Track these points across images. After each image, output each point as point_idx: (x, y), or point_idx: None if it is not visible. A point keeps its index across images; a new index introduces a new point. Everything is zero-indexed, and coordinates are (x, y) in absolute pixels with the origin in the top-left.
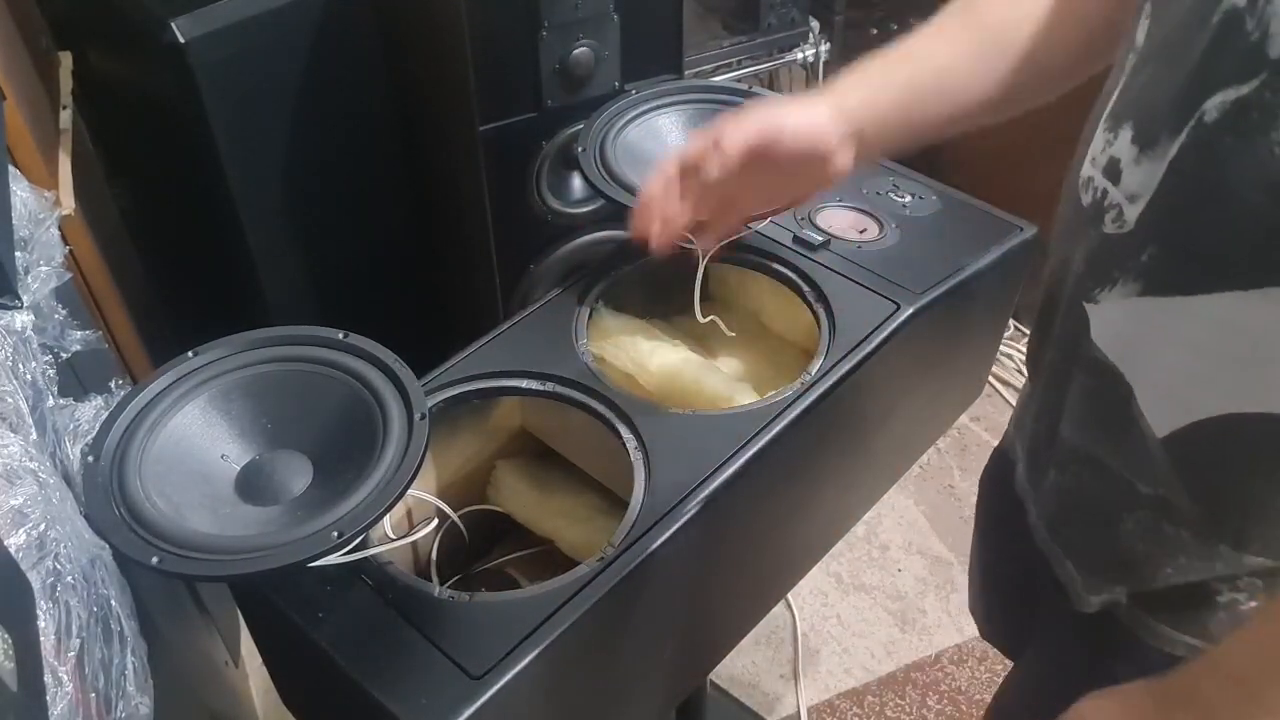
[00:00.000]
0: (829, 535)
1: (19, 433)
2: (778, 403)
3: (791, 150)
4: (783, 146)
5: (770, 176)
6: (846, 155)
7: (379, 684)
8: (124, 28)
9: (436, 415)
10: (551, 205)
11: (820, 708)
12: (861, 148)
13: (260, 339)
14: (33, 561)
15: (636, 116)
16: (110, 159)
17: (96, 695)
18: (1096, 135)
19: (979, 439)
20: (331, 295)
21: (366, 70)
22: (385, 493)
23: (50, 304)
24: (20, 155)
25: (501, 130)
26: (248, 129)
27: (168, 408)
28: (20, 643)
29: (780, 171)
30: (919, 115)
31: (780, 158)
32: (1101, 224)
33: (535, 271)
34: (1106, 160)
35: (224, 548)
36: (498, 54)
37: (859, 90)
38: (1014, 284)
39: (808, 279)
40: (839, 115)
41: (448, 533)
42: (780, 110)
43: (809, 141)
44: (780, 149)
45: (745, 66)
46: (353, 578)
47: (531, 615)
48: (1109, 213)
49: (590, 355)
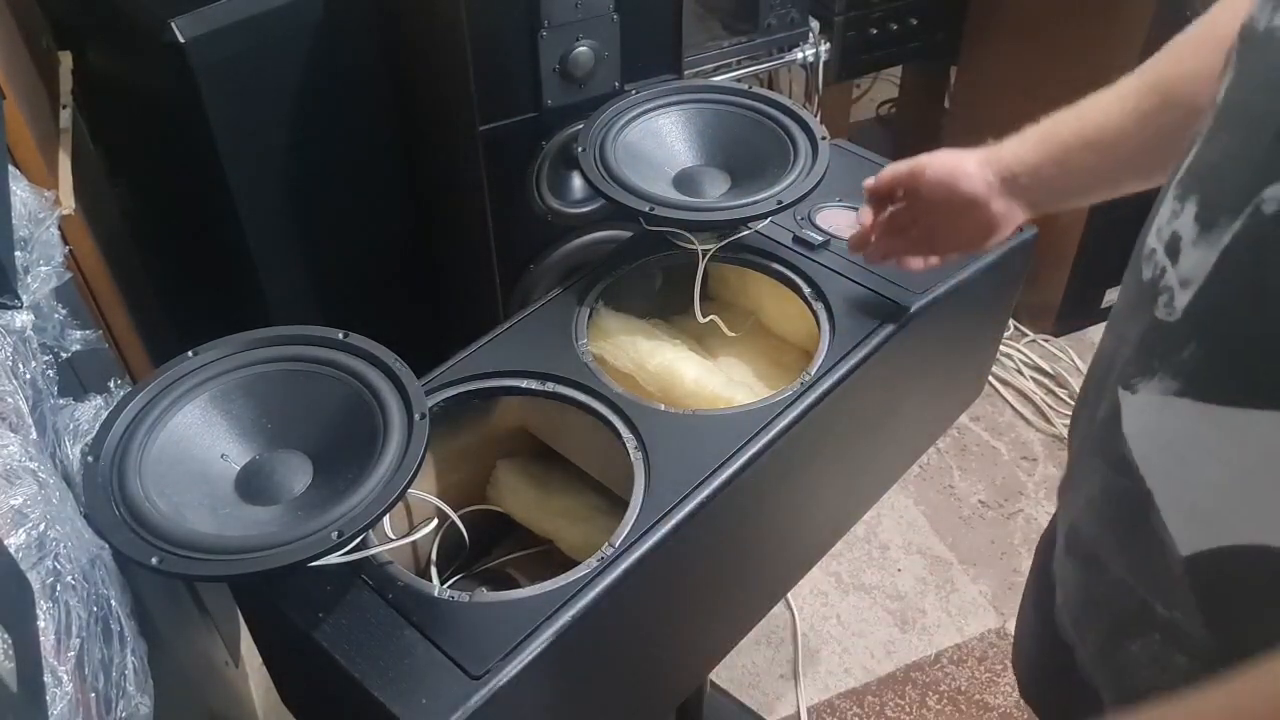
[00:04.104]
0: (829, 535)
1: (19, 433)
2: (778, 403)
3: (933, 183)
4: (925, 179)
5: (931, 214)
6: (1003, 202)
7: (379, 684)
8: (124, 28)
9: (436, 415)
10: (551, 205)
11: (820, 708)
12: (1023, 196)
13: (260, 339)
14: (33, 561)
15: (636, 116)
16: (110, 159)
17: (96, 695)
18: (1166, 202)
19: (979, 439)
20: (331, 295)
21: (366, 70)
22: (385, 493)
23: (50, 304)
24: (20, 155)
25: (501, 130)
26: (248, 129)
27: (168, 408)
28: (20, 643)
29: (932, 206)
30: (1078, 166)
31: (925, 190)
32: (1155, 306)
33: (535, 271)
34: (1170, 235)
35: (224, 548)
36: (498, 54)
37: (1015, 143)
38: (1014, 284)
39: (808, 279)
40: (988, 161)
41: (448, 533)
42: (929, 155)
43: (948, 178)
44: (924, 181)
45: (745, 66)
46: (353, 578)
47: (531, 615)
48: (1162, 295)
49: (590, 355)
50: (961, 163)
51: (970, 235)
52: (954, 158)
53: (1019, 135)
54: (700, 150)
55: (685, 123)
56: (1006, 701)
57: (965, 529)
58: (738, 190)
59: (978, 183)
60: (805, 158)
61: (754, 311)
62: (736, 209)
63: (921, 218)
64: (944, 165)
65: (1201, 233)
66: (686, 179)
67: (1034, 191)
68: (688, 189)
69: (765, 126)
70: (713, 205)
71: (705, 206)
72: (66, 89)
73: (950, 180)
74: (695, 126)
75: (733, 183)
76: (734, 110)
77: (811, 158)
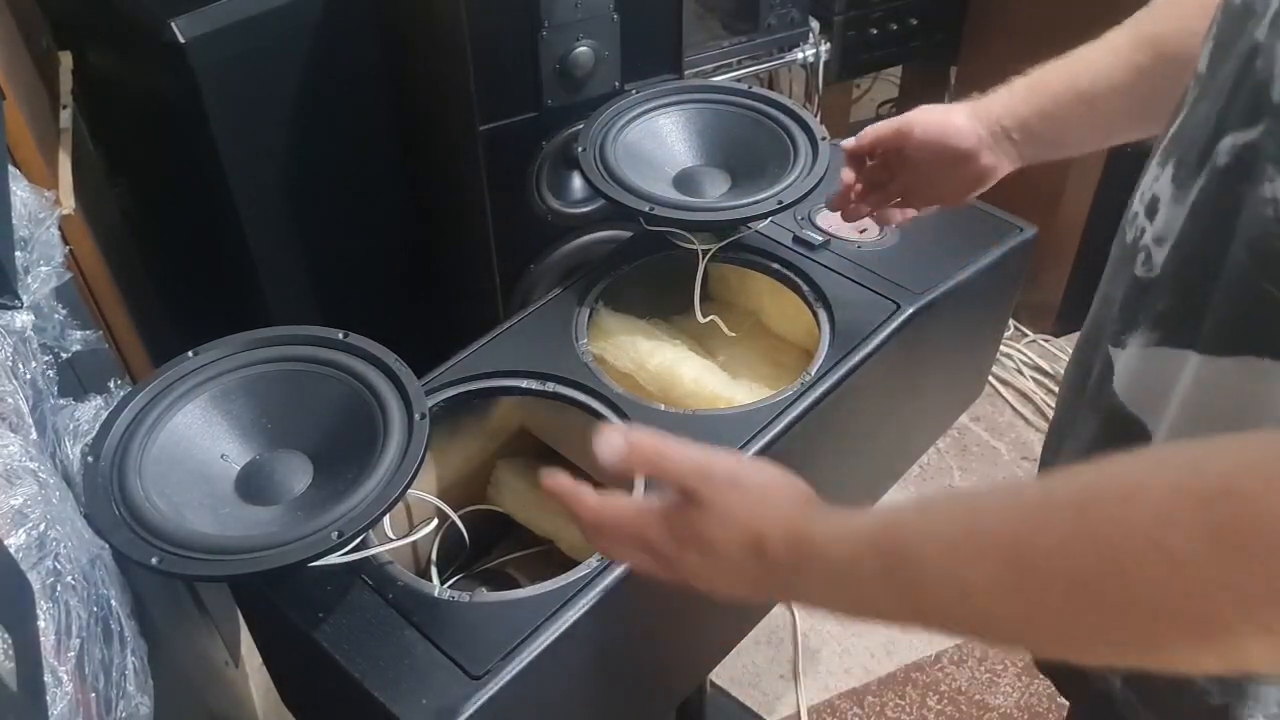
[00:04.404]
0: None
1: (19, 433)
2: (778, 403)
3: (921, 142)
4: (913, 139)
5: (915, 170)
6: (992, 155)
7: (379, 684)
8: (124, 28)
9: (436, 415)
10: (551, 205)
11: (820, 708)
12: (1013, 149)
13: (260, 339)
14: (33, 561)
15: (636, 116)
16: (110, 159)
17: (96, 695)
18: (1150, 169)
19: (979, 439)
20: (331, 295)
21: (366, 70)
22: (385, 493)
23: (50, 304)
24: (20, 155)
25: (501, 130)
26: (248, 129)
27: (168, 408)
28: (20, 643)
29: (919, 164)
30: (1070, 118)
31: (912, 150)
32: (1134, 265)
33: (535, 271)
34: (1150, 197)
35: (224, 548)
36: (498, 54)
37: (1004, 95)
38: (1014, 284)
39: (808, 279)
40: (977, 116)
41: (448, 533)
42: (915, 112)
43: (939, 135)
44: (911, 141)
45: (745, 66)
46: (353, 578)
47: (531, 615)
48: (1140, 254)
49: (590, 355)
50: (950, 118)
51: (956, 189)
52: (941, 114)
53: (1007, 86)
54: (700, 150)
55: (685, 123)
56: (1006, 702)
57: None
58: (738, 190)
59: (968, 137)
60: (805, 158)
61: (754, 311)
62: (736, 209)
63: (904, 173)
64: (933, 123)
65: (1175, 192)
66: (686, 179)
67: (1024, 144)
68: (688, 189)
69: (765, 126)
70: (713, 205)
71: (705, 206)
72: (66, 89)
73: (940, 138)
74: (695, 126)
75: (733, 183)
76: (734, 110)
77: (811, 158)
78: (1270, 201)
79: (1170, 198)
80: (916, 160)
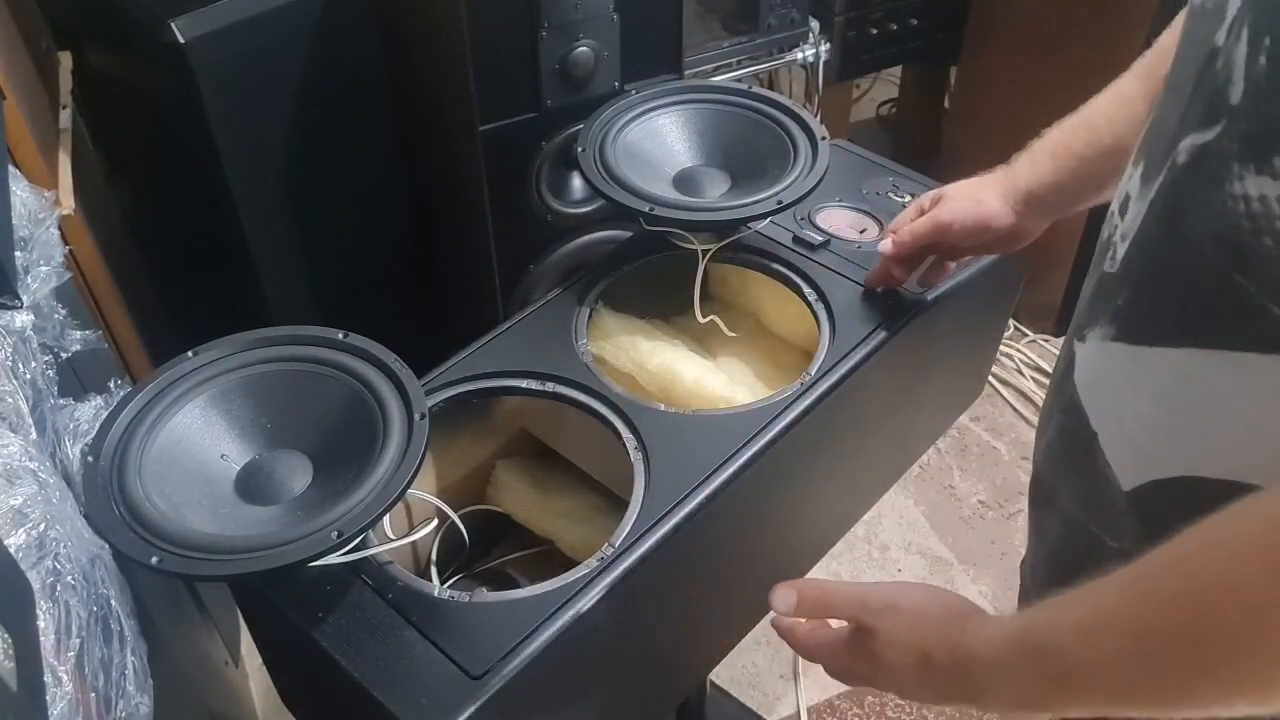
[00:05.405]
0: (828, 535)
1: (19, 433)
2: (778, 403)
3: (962, 234)
4: (953, 232)
5: (956, 250)
6: (1028, 221)
7: (379, 684)
8: (124, 28)
9: (436, 415)
10: (551, 205)
11: (820, 708)
12: (1046, 209)
13: (260, 339)
14: (33, 561)
15: (636, 117)
16: (110, 159)
17: (96, 695)
18: (1127, 168)
19: (979, 439)
20: (331, 295)
21: (366, 70)
22: (385, 493)
23: (50, 304)
24: (20, 155)
25: (501, 130)
26: (248, 129)
27: (168, 408)
28: (20, 643)
29: (959, 247)
30: (1096, 174)
31: (954, 240)
32: (1104, 261)
33: (535, 271)
34: (1124, 195)
35: (224, 548)
36: (498, 54)
37: (1028, 164)
38: (1014, 284)
39: (808, 279)
40: (1007, 195)
41: (448, 533)
42: (949, 205)
43: (977, 225)
44: (951, 235)
45: (745, 66)
46: (353, 578)
47: (531, 615)
48: (1109, 250)
49: (590, 355)
50: (984, 205)
51: (993, 253)
52: (973, 203)
53: (1028, 154)
54: (700, 150)
55: (685, 123)
56: None
57: (965, 529)
58: (738, 190)
59: (1005, 217)
60: (805, 158)
61: (754, 311)
62: (736, 209)
63: (944, 251)
64: (969, 215)
65: (1141, 189)
66: (686, 179)
67: (1057, 206)
68: (688, 189)
69: (765, 127)
70: (712, 205)
71: (705, 206)
72: (66, 89)
73: (979, 227)
74: (695, 127)
75: (733, 183)
76: (734, 110)
77: (811, 158)
78: (1241, 198)
79: (1138, 195)
80: (956, 244)
